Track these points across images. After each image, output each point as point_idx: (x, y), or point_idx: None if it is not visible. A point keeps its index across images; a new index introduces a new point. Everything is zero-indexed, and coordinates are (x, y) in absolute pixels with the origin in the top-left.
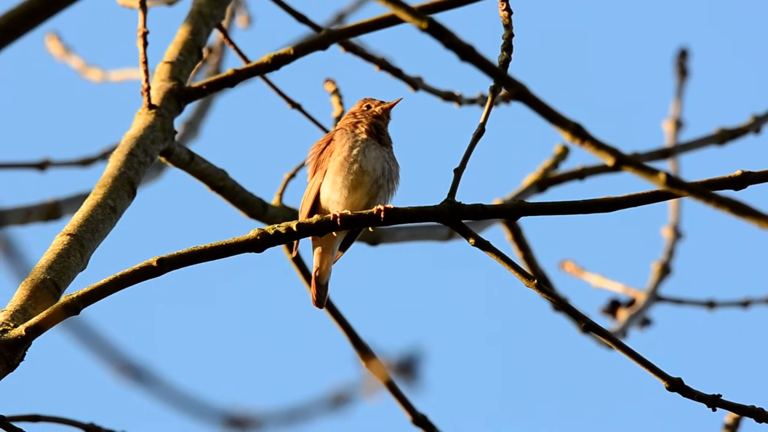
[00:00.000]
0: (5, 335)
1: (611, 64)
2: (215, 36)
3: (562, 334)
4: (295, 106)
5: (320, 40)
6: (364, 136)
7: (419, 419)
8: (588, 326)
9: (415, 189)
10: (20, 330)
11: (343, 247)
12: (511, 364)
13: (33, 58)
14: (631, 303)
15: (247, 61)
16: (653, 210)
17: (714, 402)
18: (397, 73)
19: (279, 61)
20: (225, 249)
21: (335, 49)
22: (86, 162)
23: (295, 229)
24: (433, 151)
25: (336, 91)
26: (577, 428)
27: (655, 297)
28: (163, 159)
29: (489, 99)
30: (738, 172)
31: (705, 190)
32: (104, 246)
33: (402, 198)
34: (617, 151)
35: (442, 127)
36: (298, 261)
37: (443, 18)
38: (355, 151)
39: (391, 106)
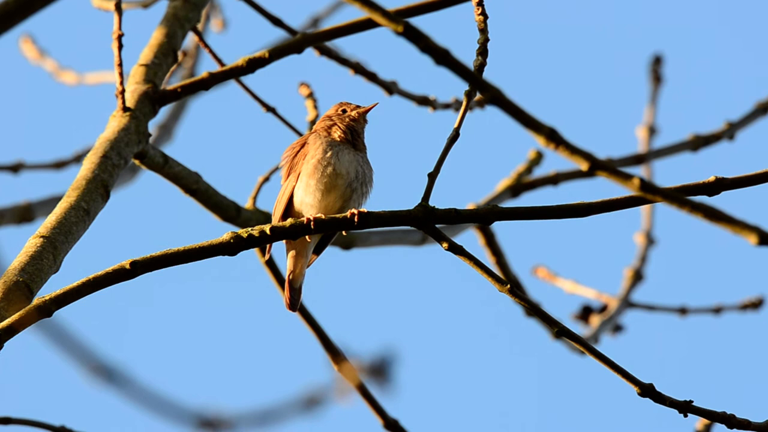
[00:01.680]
0: None
1: (586, 69)
2: (190, 39)
3: (535, 339)
4: (270, 109)
5: (295, 43)
6: (337, 139)
7: (390, 424)
8: (560, 332)
9: (389, 193)
10: None
11: (317, 251)
12: (483, 369)
13: (7, 61)
14: (603, 309)
15: (222, 64)
16: (626, 216)
17: (685, 408)
18: (371, 77)
19: (254, 65)
20: (198, 252)
21: (310, 52)
22: (60, 164)
23: (268, 232)
24: (407, 155)
25: (311, 95)
26: None
27: (627, 303)
28: (137, 162)
29: (464, 103)
30: (712, 178)
31: (679, 196)
32: (77, 248)
33: (376, 202)
34: (591, 156)
35: (417, 131)
36: (271, 264)
37: (419, 22)
38: (328, 154)
39: (367, 111)
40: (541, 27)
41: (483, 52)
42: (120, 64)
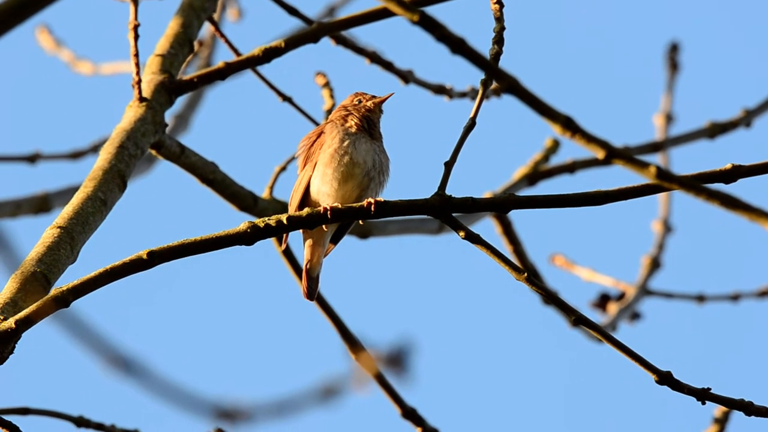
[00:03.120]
0: None
1: (602, 57)
2: (206, 29)
3: (552, 327)
4: (286, 99)
5: (311, 33)
6: (354, 129)
7: (408, 412)
8: (578, 320)
9: (406, 182)
10: (10, 323)
11: (335, 240)
12: (501, 358)
13: (23, 51)
14: (620, 297)
15: (238, 53)
16: (643, 204)
17: (703, 395)
18: (388, 66)
19: (270, 54)
20: (215, 242)
21: (326, 42)
22: (76, 155)
23: (285, 222)
24: (424, 144)
25: (327, 84)
26: (567, 421)
27: (644, 291)
28: (153, 152)
29: (480, 92)
30: (728, 166)
31: (695, 184)
32: (94, 239)
33: (392, 191)
34: (608, 145)
35: (433, 120)
36: (288, 254)
37: (434, 11)
38: (345, 143)
39: (383, 101)
40: (557, 15)
41: (499, 40)
42: (136, 54)
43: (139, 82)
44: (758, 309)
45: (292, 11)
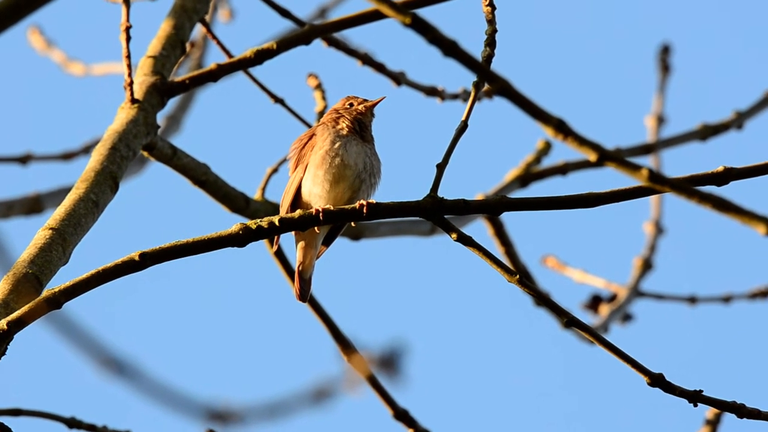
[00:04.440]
0: None
1: (594, 59)
2: (198, 30)
3: (544, 329)
4: (278, 100)
5: (303, 34)
6: (345, 131)
7: (400, 414)
8: (570, 321)
9: (398, 184)
10: (2, 324)
11: (327, 242)
12: (493, 359)
13: (15, 52)
14: (612, 298)
15: (230, 55)
16: (635, 205)
17: (695, 397)
18: (380, 68)
19: (262, 56)
20: (207, 243)
21: (318, 44)
22: (68, 156)
23: (277, 223)
24: (416, 146)
25: (319, 86)
26: (559, 423)
27: (636, 292)
28: (145, 153)
29: (472, 94)
30: (720, 168)
31: (687, 186)
32: (86, 240)
33: (384, 193)
34: (600, 147)
35: (425, 122)
36: (280, 255)
37: (426, 13)
38: (336, 145)
39: (374, 105)
40: (549, 18)
41: (491, 43)
42: (128, 56)
43: (131, 83)
44: (750, 311)
45: (284, 13)
